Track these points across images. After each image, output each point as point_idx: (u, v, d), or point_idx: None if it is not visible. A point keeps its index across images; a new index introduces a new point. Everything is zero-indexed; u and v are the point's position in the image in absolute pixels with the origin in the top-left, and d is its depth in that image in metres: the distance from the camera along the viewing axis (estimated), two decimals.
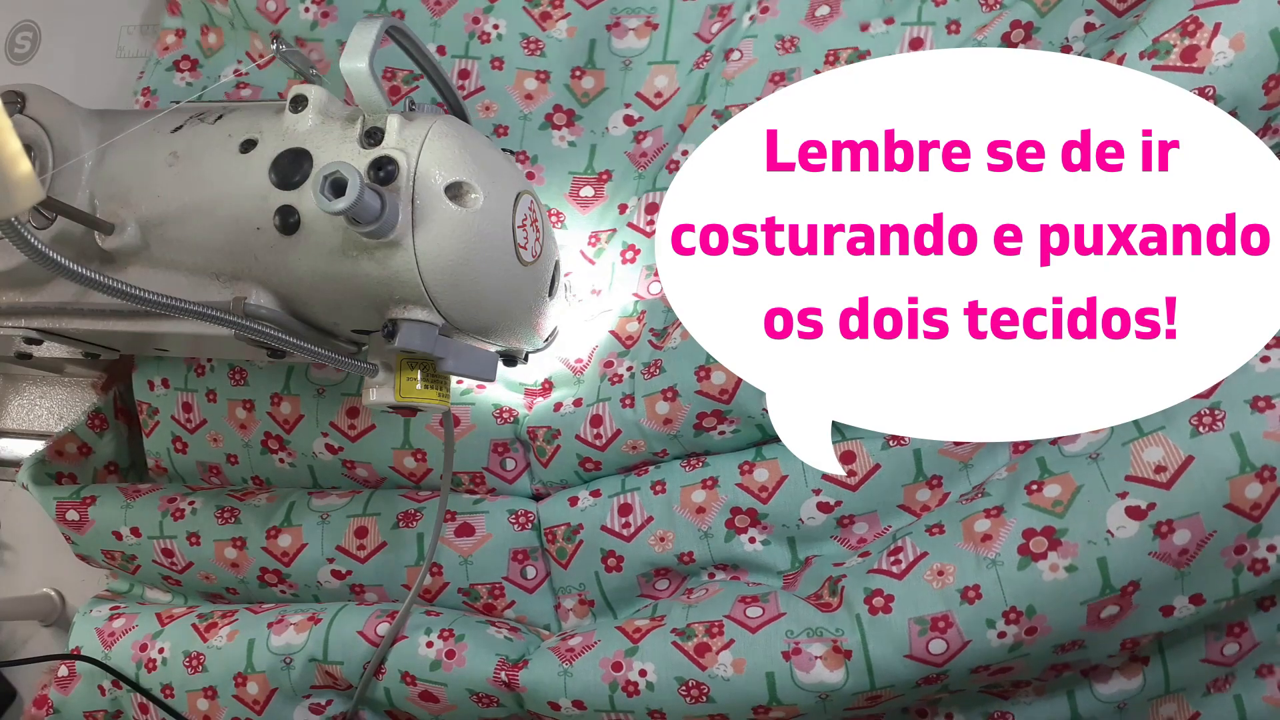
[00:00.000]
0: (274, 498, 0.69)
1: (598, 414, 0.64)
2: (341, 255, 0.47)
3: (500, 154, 0.53)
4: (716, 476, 0.62)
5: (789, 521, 0.61)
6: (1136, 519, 0.50)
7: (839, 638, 0.54)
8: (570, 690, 0.57)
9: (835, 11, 0.66)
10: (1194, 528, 0.50)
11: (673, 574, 0.64)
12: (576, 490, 0.66)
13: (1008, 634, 0.51)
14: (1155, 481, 0.50)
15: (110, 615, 0.71)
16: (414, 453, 0.66)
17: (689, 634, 0.57)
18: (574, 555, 0.64)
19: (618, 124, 0.69)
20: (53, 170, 0.52)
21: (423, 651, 0.60)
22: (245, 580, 0.69)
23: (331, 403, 0.67)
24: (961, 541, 0.54)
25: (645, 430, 0.63)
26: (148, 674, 0.66)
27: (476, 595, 0.66)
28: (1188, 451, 0.50)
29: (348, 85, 0.47)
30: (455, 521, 0.66)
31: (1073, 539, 0.51)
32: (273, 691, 0.63)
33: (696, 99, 0.68)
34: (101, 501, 0.71)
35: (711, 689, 0.55)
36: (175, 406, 0.71)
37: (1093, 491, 0.52)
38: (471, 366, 0.54)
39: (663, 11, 0.69)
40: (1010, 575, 0.52)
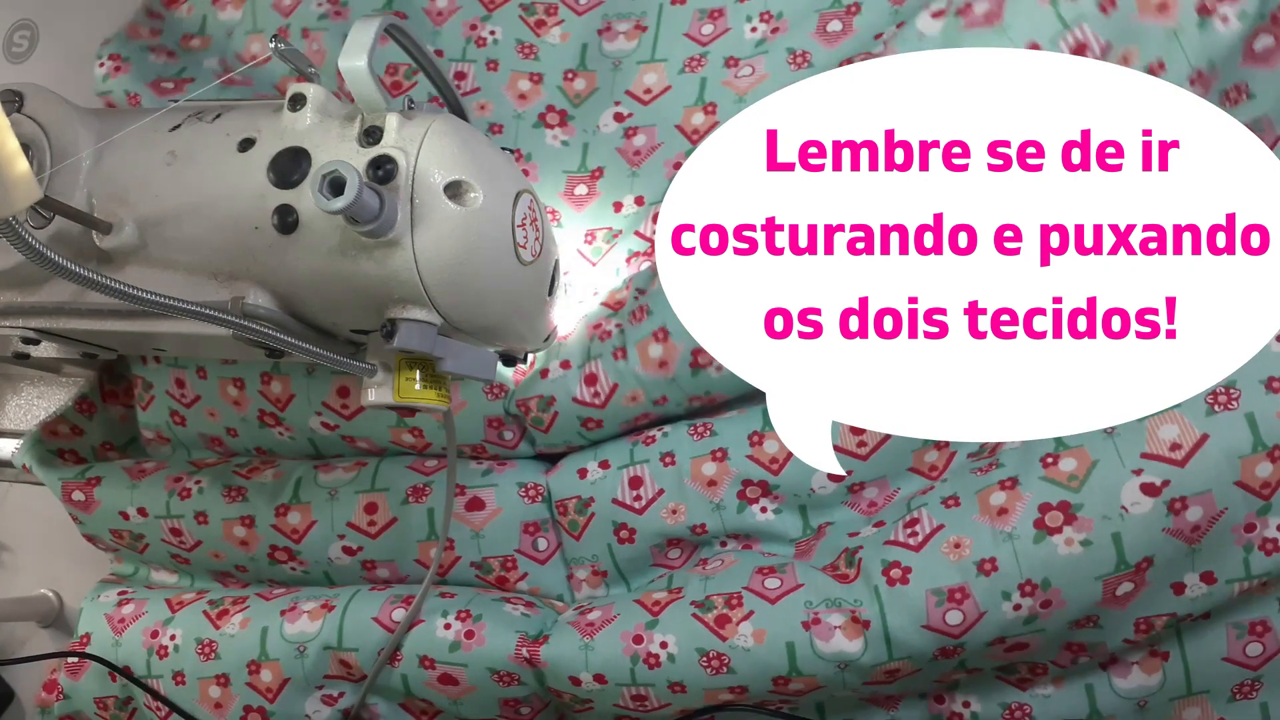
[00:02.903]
0: (280, 473, 0.69)
1: (591, 372, 0.64)
2: (340, 255, 0.47)
3: (499, 153, 0.53)
4: (726, 448, 0.62)
5: (800, 491, 0.61)
6: (1151, 495, 0.51)
7: (857, 608, 0.55)
8: (591, 664, 0.58)
9: (848, 28, 0.66)
10: (1206, 504, 0.51)
11: (685, 544, 0.64)
12: (585, 461, 0.66)
13: (1023, 606, 0.52)
14: (1170, 459, 0.51)
15: (119, 601, 0.71)
16: (410, 430, 0.67)
17: (709, 605, 0.57)
18: (586, 527, 0.65)
19: (608, 121, 0.70)
20: (50, 169, 0.51)
21: (441, 634, 0.61)
22: (255, 558, 0.69)
23: (321, 383, 0.67)
24: (978, 514, 0.55)
25: (641, 377, 0.62)
26: (159, 661, 0.66)
27: (489, 568, 0.66)
28: (1202, 429, 0.51)
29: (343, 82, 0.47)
30: (465, 495, 0.66)
31: (1088, 514, 0.52)
32: (285, 681, 0.63)
33: (695, 101, 0.68)
34: (107, 482, 0.71)
35: (732, 660, 0.56)
36: (169, 381, 0.71)
37: (1108, 467, 0.53)
38: (471, 366, 0.54)
39: (652, 15, 0.70)
40: (1026, 549, 0.53)
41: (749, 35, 0.68)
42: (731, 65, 0.68)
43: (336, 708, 0.65)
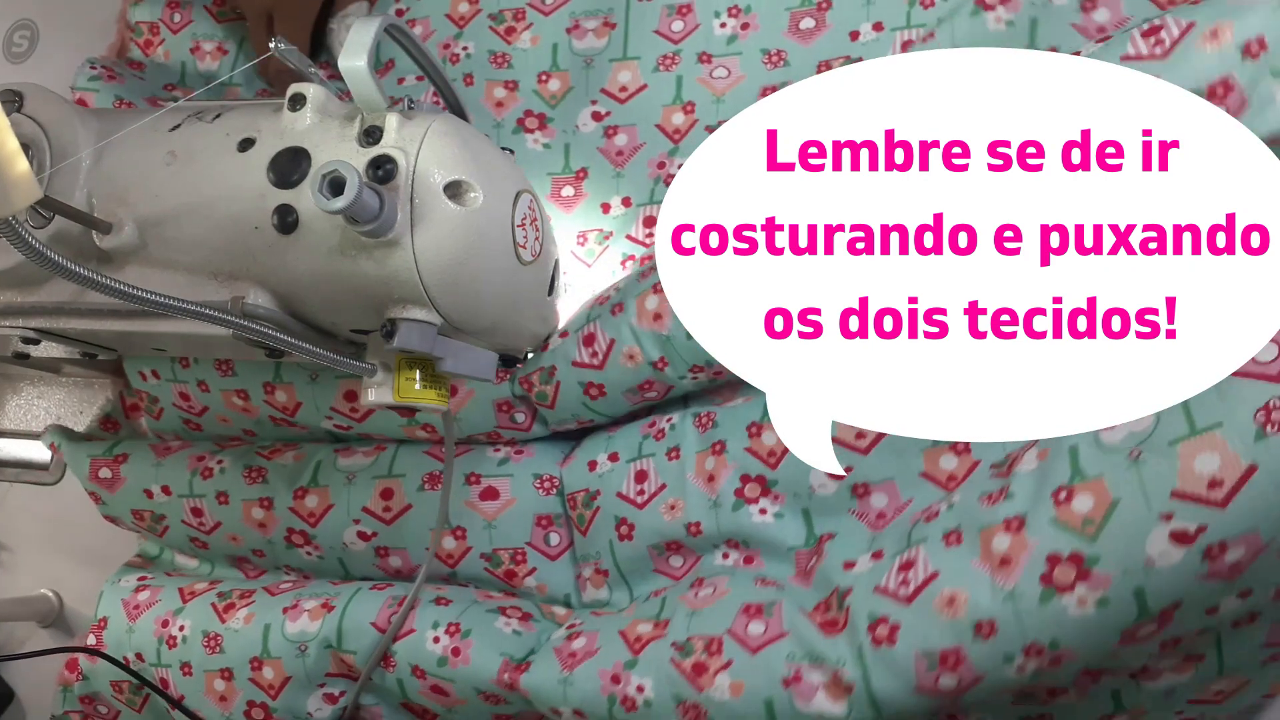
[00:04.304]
0: (300, 455, 0.70)
1: (589, 332, 0.63)
2: (340, 254, 0.47)
3: (500, 153, 0.53)
4: (725, 440, 0.61)
5: (800, 489, 0.59)
6: (1183, 544, 0.43)
7: (839, 668, 0.51)
8: (570, 699, 0.57)
9: (821, 25, 0.66)
10: (1250, 544, 0.43)
11: (685, 550, 0.63)
12: (596, 453, 0.65)
13: (1028, 668, 0.47)
14: (1208, 500, 0.43)
15: (137, 587, 0.71)
16: (423, 426, 0.67)
17: (688, 649, 0.55)
18: (592, 522, 0.64)
19: (586, 121, 0.70)
20: (50, 169, 0.51)
21: (430, 646, 0.60)
22: (272, 541, 0.69)
23: (327, 389, 0.67)
24: (978, 559, 0.49)
25: (638, 331, 0.61)
26: (169, 650, 0.67)
27: (499, 561, 0.66)
28: (1250, 459, 0.42)
29: None
30: (480, 484, 0.66)
31: (1105, 569, 0.45)
32: (287, 679, 0.64)
33: (673, 100, 0.68)
34: (134, 459, 0.72)
35: (709, 712, 0.53)
36: (173, 395, 0.71)
37: (1131, 510, 0.45)
38: (471, 366, 0.54)
39: (619, 11, 0.70)
40: (1030, 609, 0.46)
41: (719, 31, 0.68)
42: (705, 61, 0.68)
43: (338, 706, 0.65)
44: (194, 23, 0.79)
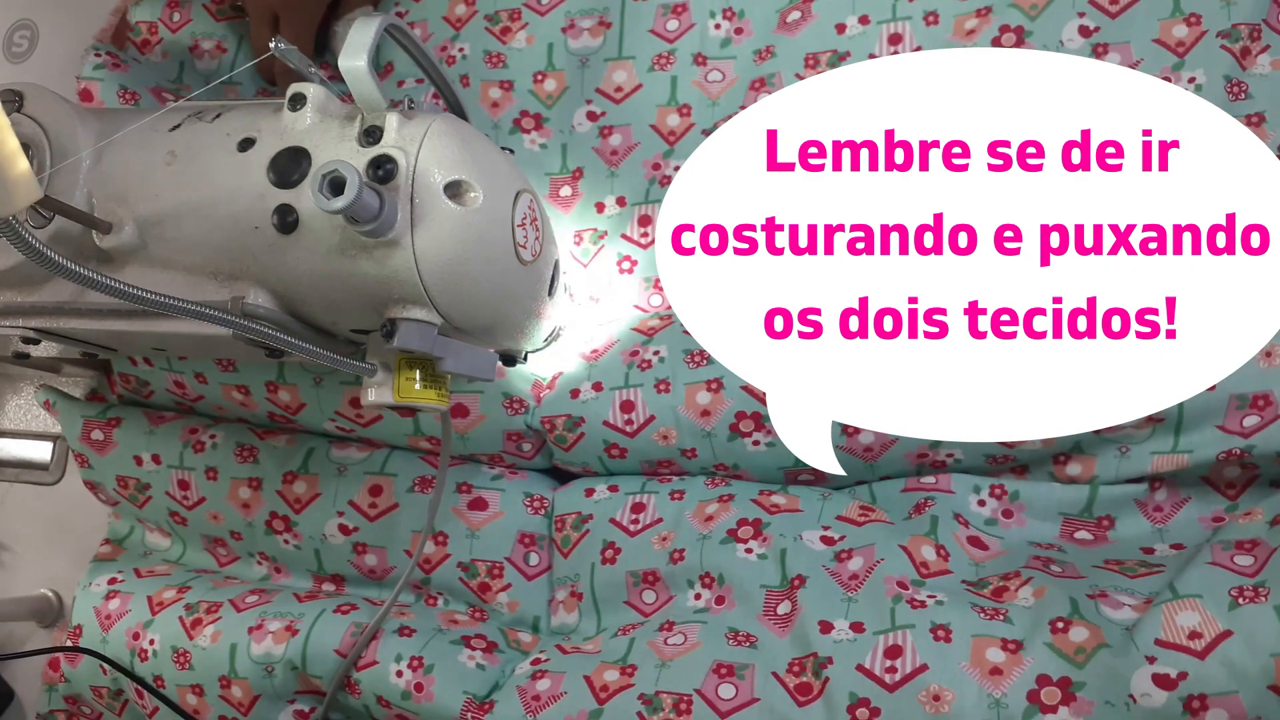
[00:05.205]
0: (293, 440, 0.70)
1: (629, 399, 0.62)
2: (340, 254, 0.47)
3: (500, 153, 0.53)
4: (734, 494, 0.61)
5: (788, 539, 0.58)
6: (1165, 689, 0.45)
7: None
8: None
9: (807, 15, 0.66)
10: (1231, 708, 0.44)
11: (660, 585, 0.61)
12: (595, 483, 0.65)
13: None
14: (1188, 649, 0.46)
15: (108, 593, 0.71)
16: (427, 438, 0.67)
17: (656, 705, 0.53)
18: (577, 544, 0.64)
19: (582, 120, 0.70)
20: (50, 169, 0.51)
21: (393, 680, 0.59)
22: (252, 525, 0.69)
23: (332, 392, 0.67)
24: (967, 663, 0.49)
25: (680, 419, 0.61)
26: (141, 664, 0.67)
27: (475, 572, 0.65)
28: (1225, 624, 0.46)
29: None
30: (470, 494, 0.66)
31: (1089, 696, 0.47)
32: (256, 697, 0.63)
33: (668, 101, 0.68)
34: (127, 424, 0.72)
35: None
36: (167, 382, 0.71)
37: (1119, 649, 0.47)
38: (471, 366, 0.54)
39: (615, 10, 0.70)
40: None
41: (714, 32, 0.68)
42: (700, 63, 0.68)
43: None
44: (193, 21, 0.79)
